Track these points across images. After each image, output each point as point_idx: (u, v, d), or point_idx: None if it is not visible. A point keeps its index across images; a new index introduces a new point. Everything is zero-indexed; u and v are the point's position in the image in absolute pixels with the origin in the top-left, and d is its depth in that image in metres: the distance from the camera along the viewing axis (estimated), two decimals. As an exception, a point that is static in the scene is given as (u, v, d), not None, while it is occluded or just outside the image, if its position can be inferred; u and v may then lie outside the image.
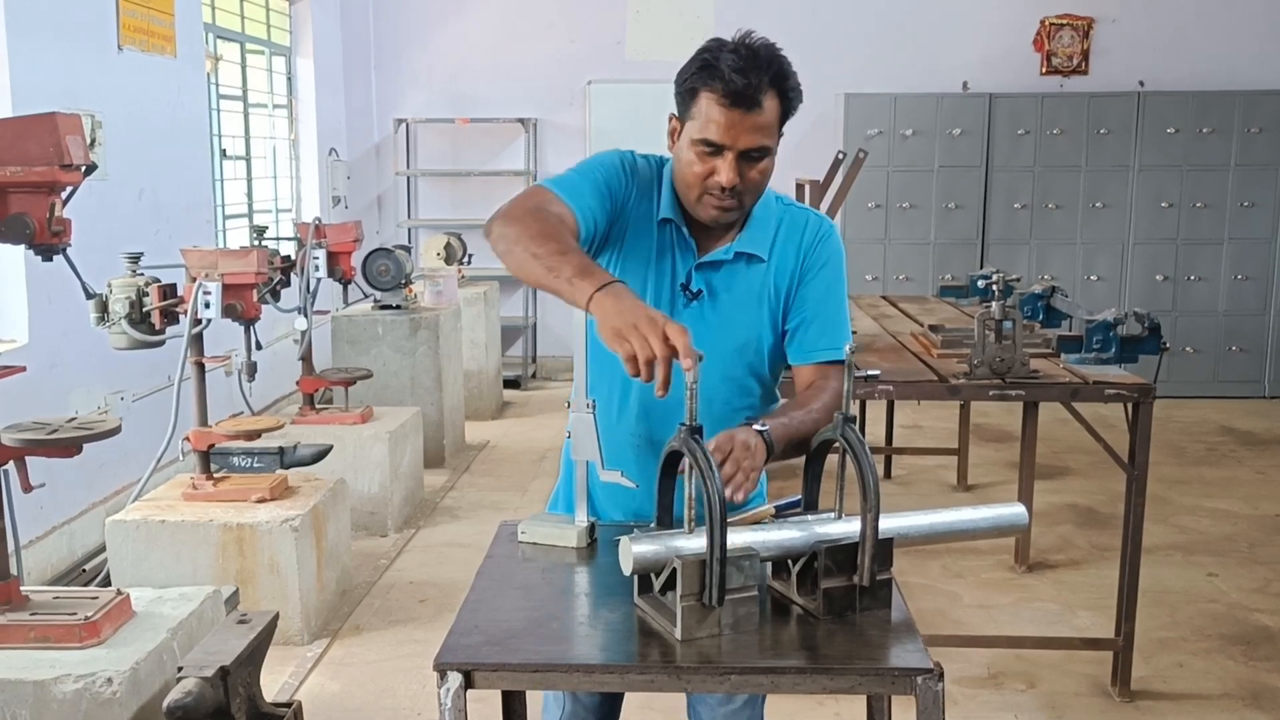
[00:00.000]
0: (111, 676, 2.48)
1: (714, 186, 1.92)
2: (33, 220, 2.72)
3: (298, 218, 7.35)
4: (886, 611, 1.69)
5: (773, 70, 1.88)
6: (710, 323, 2.00)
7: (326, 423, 5.03)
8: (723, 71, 1.85)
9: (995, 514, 1.89)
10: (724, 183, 1.90)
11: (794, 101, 1.92)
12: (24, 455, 2.69)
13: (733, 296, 2.02)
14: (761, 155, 1.91)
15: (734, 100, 1.85)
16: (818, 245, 2.06)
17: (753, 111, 1.86)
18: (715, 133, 1.87)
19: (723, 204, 1.93)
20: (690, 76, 1.91)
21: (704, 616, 1.59)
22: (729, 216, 1.97)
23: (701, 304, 2.02)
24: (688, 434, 1.63)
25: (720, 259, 2.02)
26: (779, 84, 1.89)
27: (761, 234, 2.04)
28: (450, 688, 1.52)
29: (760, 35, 1.93)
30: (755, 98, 1.85)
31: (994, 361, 3.33)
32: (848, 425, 1.73)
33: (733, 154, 1.89)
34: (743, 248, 2.02)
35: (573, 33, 8.11)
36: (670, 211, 2.01)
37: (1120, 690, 3.51)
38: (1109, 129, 7.72)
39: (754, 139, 1.88)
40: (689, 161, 1.93)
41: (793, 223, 2.07)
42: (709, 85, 1.87)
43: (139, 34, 5.12)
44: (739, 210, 1.97)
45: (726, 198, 1.92)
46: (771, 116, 1.89)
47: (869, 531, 1.66)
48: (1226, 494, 5.69)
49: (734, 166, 1.89)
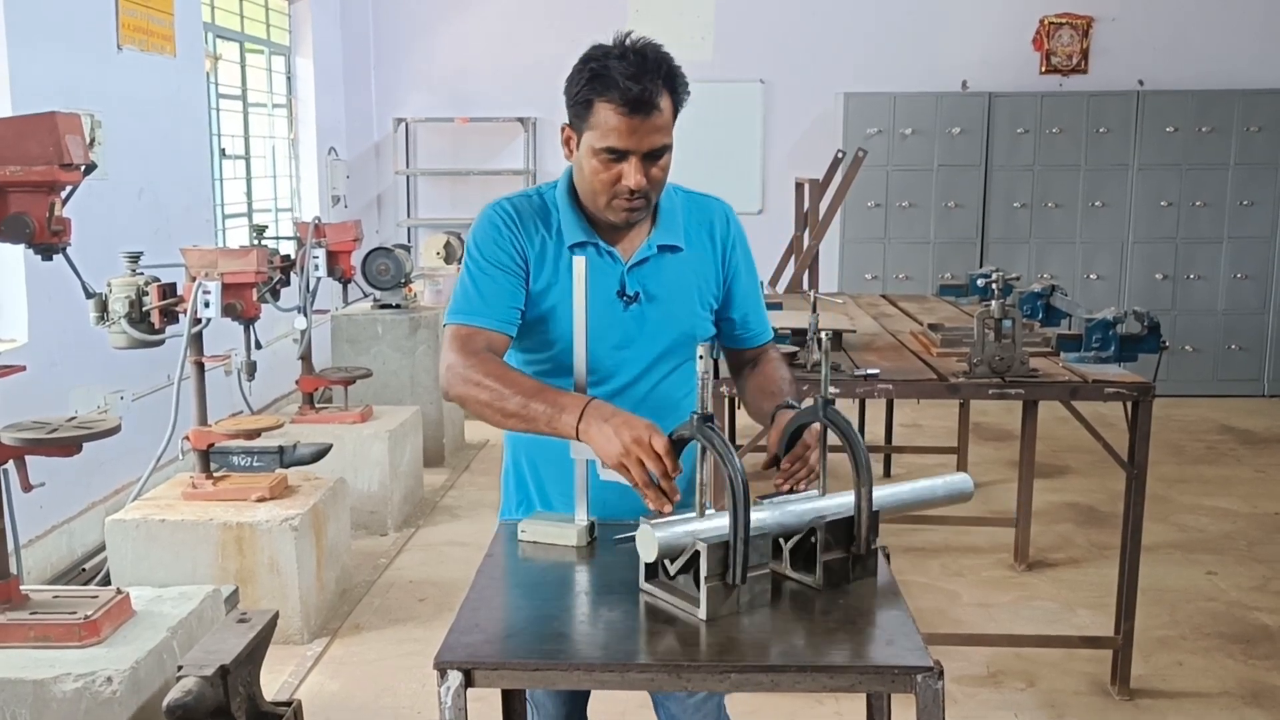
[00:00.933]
0: (111, 675, 2.48)
1: (622, 191, 1.97)
2: (32, 220, 2.72)
3: (297, 217, 7.35)
4: (874, 580, 1.80)
5: (663, 71, 1.92)
6: (652, 320, 2.08)
7: (326, 422, 5.04)
8: (616, 80, 1.89)
9: (946, 482, 2.05)
10: (633, 186, 1.95)
11: (684, 95, 1.99)
12: (24, 454, 2.69)
13: (666, 291, 2.08)
14: (663, 153, 1.97)
15: (632, 108, 1.89)
16: (732, 232, 2.18)
17: (651, 115, 1.90)
18: (617, 140, 1.92)
19: (632, 205, 1.99)
20: (583, 88, 1.93)
21: (726, 595, 1.66)
22: (639, 215, 2.03)
23: (640, 306, 2.07)
24: (700, 421, 1.71)
25: (645, 256, 2.08)
26: (669, 83, 1.94)
27: (673, 224, 2.11)
28: (450, 686, 1.52)
29: (640, 35, 1.96)
30: (652, 102, 1.90)
31: (993, 360, 3.33)
32: (830, 407, 1.81)
33: (637, 157, 1.94)
34: (662, 240, 2.09)
35: (572, 32, 8.08)
36: (579, 234, 2.06)
37: (1120, 689, 3.51)
38: (1108, 128, 7.72)
39: (655, 140, 1.93)
40: (594, 170, 1.97)
41: (698, 209, 2.17)
42: (604, 95, 1.90)
43: (138, 33, 5.12)
44: (648, 208, 2.03)
45: (636, 199, 1.98)
46: (668, 115, 1.95)
47: (864, 505, 1.78)
48: (1226, 492, 5.69)
49: (640, 169, 1.94)
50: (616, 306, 2.06)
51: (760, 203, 8.25)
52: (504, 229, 2.05)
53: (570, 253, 2.04)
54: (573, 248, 2.05)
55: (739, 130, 8.23)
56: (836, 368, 3.38)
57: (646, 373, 2.09)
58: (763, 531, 1.70)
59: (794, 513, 1.81)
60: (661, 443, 1.75)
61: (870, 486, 1.79)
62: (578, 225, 2.06)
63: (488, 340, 2.00)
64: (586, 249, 2.05)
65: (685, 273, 2.11)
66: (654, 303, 2.07)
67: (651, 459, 1.74)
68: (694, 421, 1.72)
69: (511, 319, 2.03)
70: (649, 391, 2.10)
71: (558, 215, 2.07)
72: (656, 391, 2.11)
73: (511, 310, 2.03)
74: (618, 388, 2.07)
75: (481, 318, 2.01)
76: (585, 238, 2.05)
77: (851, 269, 7.86)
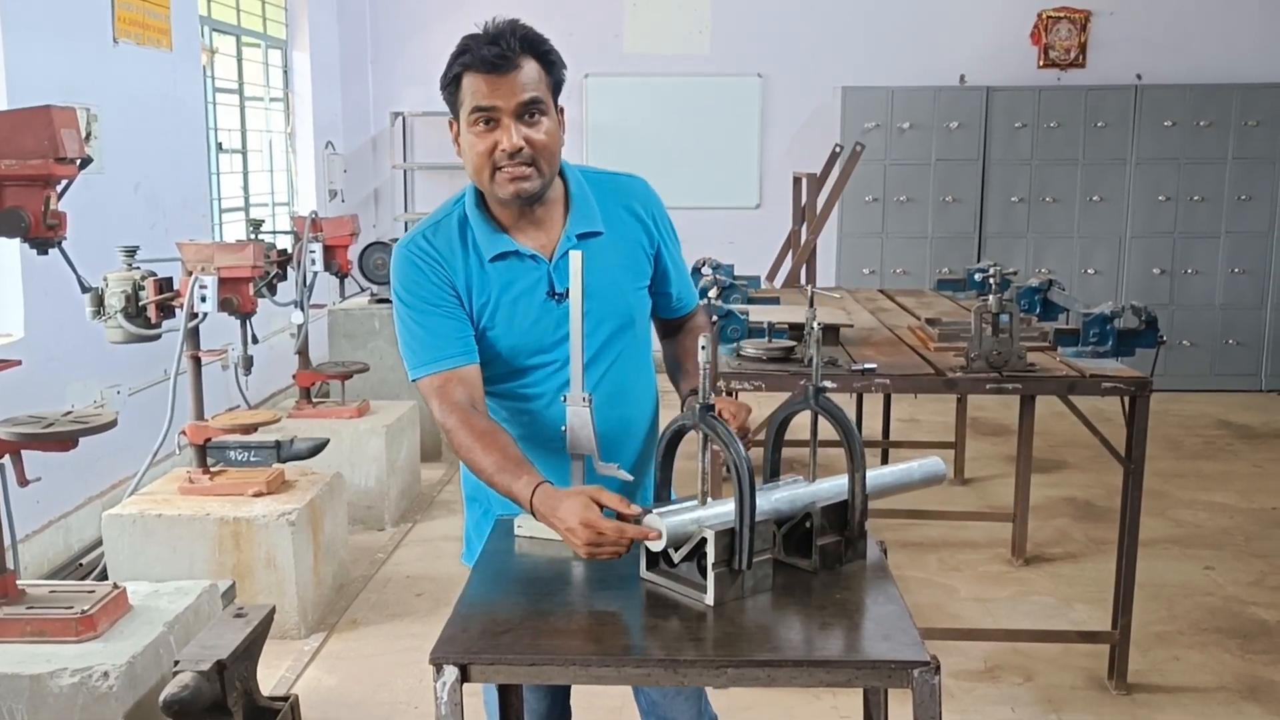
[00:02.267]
0: (108, 670, 2.48)
1: (501, 159, 1.94)
2: (28, 214, 2.72)
3: (294, 211, 7.34)
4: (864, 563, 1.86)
5: (519, 35, 1.94)
6: (588, 314, 2.02)
7: (323, 417, 5.03)
8: (473, 49, 1.93)
9: (920, 465, 2.10)
10: (507, 146, 1.93)
11: (558, 67, 1.99)
12: (20, 449, 2.69)
13: (596, 279, 2.01)
14: (537, 112, 1.94)
15: (489, 67, 1.91)
16: (652, 206, 2.17)
17: (511, 72, 1.91)
18: (482, 98, 1.92)
19: (517, 173, 1.95)
20: (449, 69, 1.97)
21: (732, 581, 1.69)
22: (531, 185, 1.98)
23: None
24: (702, 410, 1.73)
25: (566, 249, 2.04)
26: (533, 48, 1.95)
27: (586, 210, 2.09)
28: (446, 681, 1.52)
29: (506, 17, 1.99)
30: (509, 59, 1.91)
31: (991, 355, 3.33)
32: (821, 395, 1.86)
33: (507, 116, 1.92)
34: (578, 229, 2.07)
35: (570, 26, 8.08)
36: (496, 245, 2.04)
37: (1117, 683, 3.52)
38: (1106, 122, 7.72)
39: (521, 96, 1.92)
40: (472, 144, 1.96)
41: (612, 189, 2.14)
42: (467, 65, 1.93)
43: (134, 27, 5.10)
44: (539, 176, 1.98)
45: (519, 165, 1.94)
46: (535, 76, 1.94)
47: (858, 489, 1.83)
48: (1223, 487, 5.69)
49: (514, 128, 1.93)
50: (549, 307, 2.05)
51: (758, 197, 8.25)
52: (423, 268, 2.03)
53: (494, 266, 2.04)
54: (493, 260, 2.04)
55: (736, 124, 8.22)
56: (834, 362, 3.37)
57: (594, 362, 2.06)
58: (763, 518, 1.72)
59: (789, 499, 1.85)
60: (610, 499, 1.75)
61: (864, 471, 1.84)
62: (491, 235, 2.04)
63: (459, 379, 2.02)
64: (507, 259, 2.04)
65: (610, 256, 2.08)
66: (586, 295, 2.01)
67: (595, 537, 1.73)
68: (695, 410, 1.73)
69: (469, 347, 2.05)
70: (600, 379, 2.08)
71: (471, 231, 2.05)
72: (608, 378, 2.10)
73: (464, 339, 2.04)
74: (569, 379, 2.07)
75: (442, 360, 2.03)
76: (503, 248, 2.04)
77: (849, 264, 7.86)
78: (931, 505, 4.91)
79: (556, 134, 1.99)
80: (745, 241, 7.50)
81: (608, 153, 7.90)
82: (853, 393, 4.92)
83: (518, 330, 2.06)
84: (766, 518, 1.76)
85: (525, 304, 2.05)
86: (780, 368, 3.39)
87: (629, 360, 2.14)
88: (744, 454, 1.67)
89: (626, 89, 8.06)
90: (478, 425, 1.98)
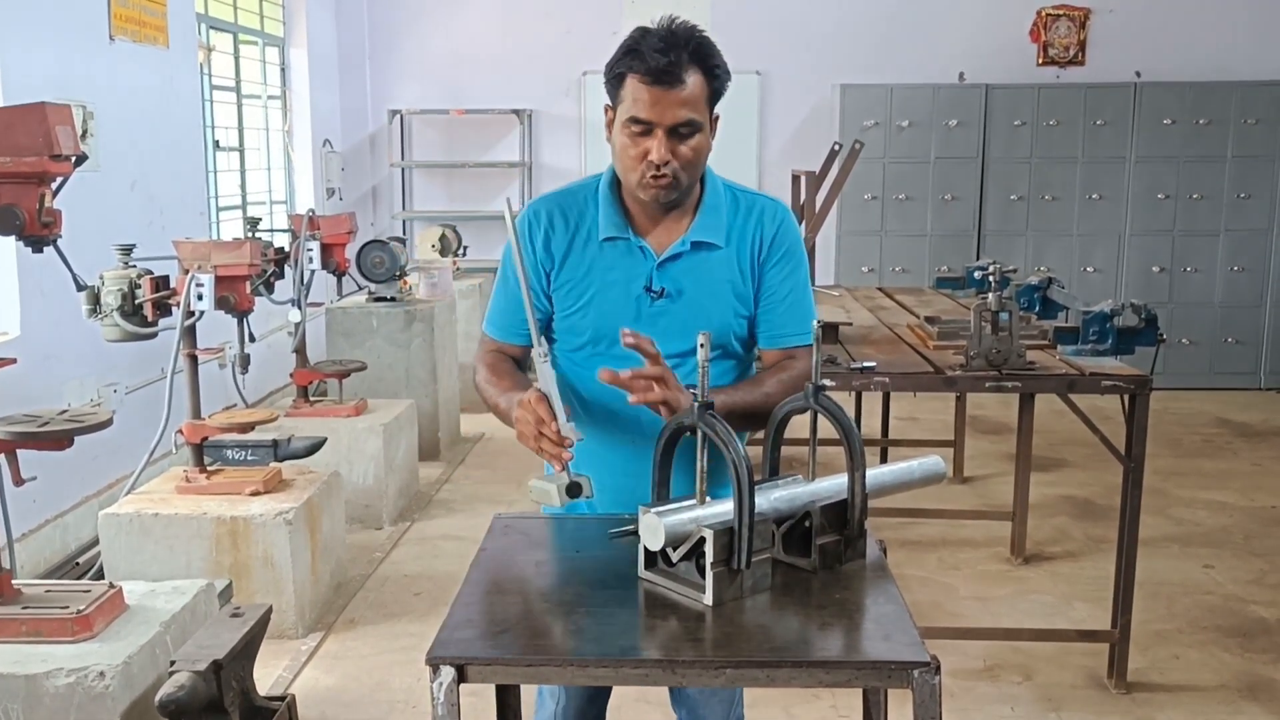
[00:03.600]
0: (104, 670, 2.47)
1: (649, 166, 1.97)
2: (22, 211, 2.70)
3: (291, 210, 7.33)
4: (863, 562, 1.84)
5: (691, 46, 1.94)
6: (679, 317, 2.06)
7: (321, 415, 5.01)
8: (644, 53, 1.92)
9: (920, 464, 2.08)
10: (655, 159, 1.96)
11: (721, 79, 2.00)
12: (15, 448, 2.68)
13: (699, 288, 2.07)
14: (690, 131, 1.96)
15: (656, 78, 1.91)
16: (778, 231, 2.13)
17: (675, 88, 1.92)
18: (641, 110, 1.94)
19: (659, 183, 1.98)
20: (616, 63, 1.98)
21: (731, 580, 1.68)
22: (669, 195, 2.01)
23: (668, 301, 2.07)
24: (701, 409, 1.72)
25: (678, 252, 2.07)
26: (701, 61, 1.95)
27: (714, 221, 2.09)
28: (443, 682, 1.51)
29: (683, 20, 1.99)
30: (676, 74, 1.92)
31: (990, 353, 3.32)
32: (821, 394, 1.84)
33: (661, 130, 1.94)
34: (698, 237, 2.08)
35: (568, 23, 8.08)
36: (613, 229, 2.07)
37: (1116, 682, 3.51)
38: (1105, 120, 7.71)
39: (679, 114, 1.94)
40: (624, 145, 2.00)
41: (747, 208, 2.13)
42: (633, 68, 1.94)
43: (131, 24, 5.09)
44: (677, 188, 2.01)
45: (662, 175, 1.97)
46: (696, 92, 1.95)
47: (858, 488, 1.82)
48: (1222, 486, 5.69)
49: (664, 143, 1.95)
50: (643, 302, 2.07)
51: (756, 195, 8.24)
52: (531, 232, 2.10)
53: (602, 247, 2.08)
54: (604, 242, 2.07)
55: (735, 122, 8.09)
56: (833, 360, 3.37)
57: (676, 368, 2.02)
58: (762, 517, 1.71)
59: (788, 498, 1.84)
60: (533, 396, 1.88)
61: (864, 470, 1.83)
62: (612, 219, 2.07)
63: (503, 349, 2.20)
64: (617, 244, 2.07)
65: (721, 271, 2.09)
66: (681, 300, 2.06)
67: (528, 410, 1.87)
68: (694, 409, 1.73)
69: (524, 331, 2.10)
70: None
71: (595, 210, 2.09)
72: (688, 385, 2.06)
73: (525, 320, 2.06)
74: None
75: (501, 332, 2.19)
76: (617, 232, 2.07)
77: (848, 262, 7.85)
78: (930, 504, 4.90)
79: (705, 148, 2.01)
80: (744, 239, 7.47)
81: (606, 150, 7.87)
82: (852, 391, 4.91)
83: (608, 315, 2.07)
84: (765, 517, 1.75)
85: (621, 293, 2.07)
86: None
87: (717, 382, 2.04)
88: (743, 453, 1.66)
89: (625, 87, 8.03)
90: (501, 367, 2.16)
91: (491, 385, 2.11)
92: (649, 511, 1.71)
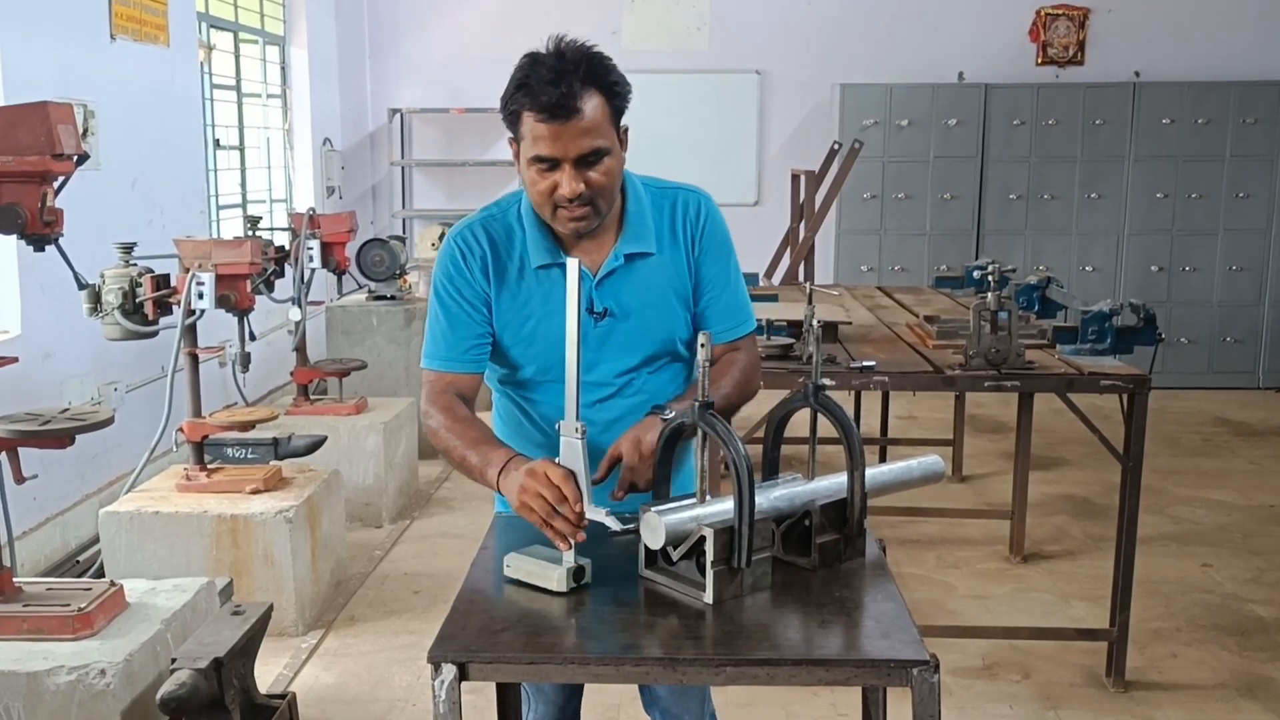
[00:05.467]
0: (105, 668, 2.47)
1: (561, 200, 1.91)
2: (24, 210, 2.71)
3: (292, 208, 7.32)
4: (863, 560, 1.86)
5: (584, 70, 1.85)
6: (625, 334, 2.03)
7: (321, 414, 5.02)
8: (535, 87, 1.84)
9: (920, 463, 2.10)
10: (566, 194, 1.89)
11: (622, 95, 1.92)
12: (16, 446, 2.69)
13: (639, 301, 2.01)
14: (598, 157, 1.89)
15: (552, 113, 1.83)
16: (705, 223, 2.08)
17: (573, 119, 1.84)
18: (543, 147, 1.87)
19: (575, 214, 1.92)
20: (510, 99, 1.89)
21: (731, 579, 1.68)
22: (590, 224, 1.96)
23: (613, 320, 2.03)
24: (701, 409, 1.72)
25: (612, 268, 2.02)
26: (597, 81, 1.87)
27: (641, 228, 2.04)
28: (445, 680, 1.52)
29: (572, 39, 1.91)
30: (572, 105, 1.83)
31: (989, 352, 3.32)
32: (821, 393, 1.86)
33: (568, 164, 1.88)
34: (629, 249, 2.03)
35: (568, 21, 8.02)
36: (545, 255, 2.01)
37: (1115, 680, 3.52)
38: (1104, 119, 7.71)
39: (582, 144, 1.86)
40: (532, 181, 1.93)
41: (671, 204, 2.08)
42: (526, 105, 1.86)
43: (132, 23, 5.09)
44: (597, 215, 1.95)
45: (577, 207, 1.91)
46: (597, 116, 1.87)
47: (858, 487, 1.83)
48: (1221, 485, 5.70)
49: (573, 176, 1.88)
50: (587, 324, 2.01)
51: (756, 194, 8.24)
52: (465, 260, 2.03)
53: (537, 275, 2.01)
54: (537, 270, 2.01)
55: (735, 121, 8.21)
56: (832, 359, 3.37)
57: (627, 384, 2.05)
58: (762, 516, 1.72)
59: (788, 497, 1.85)
60: (557, 473, 1.73)
61: (863, 469, 1.84)
62: (541, 244, 2.01)
63: (453, 383, 2.04)
64: (551, 271, 2.00)
65: (658, 278, 2.05)
66: (625, 316, 2.02)
67: (545, 486, 1.72)
68: (694, 409, 1.72)
69: (478, 356, 2.05)
70: (629, 404, 2.06)
71: (522, 234, 2.03)
72: (637, 399, 2.06)
73: (476, 349, 2.04)
74: (605, 395, 2.06)
75: (446, 362, 2.05)
76: (549, 258, 2.00)
77: (847, 261, 7.85)
78: (929, 502, 4.91)
79: (617, 169, 1.95)
80: (743, 238, 7.35)
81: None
82: (851, 390, 4.92)
83: (549, 343, 1.99)
84: (766, 516, 1.75)
85: (561, 318, 1.99)
86: (779, 365, 3.38)
87: (667, 389, 2.06)
88: (744, 452, 1.67)
89: (625, 86, 8.03)
90: (458, 411, 2.01)
91: (454, 436, 1.97)
92: (650, 510, 1.71)
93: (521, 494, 1.76)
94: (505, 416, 2.18)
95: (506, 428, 2.16)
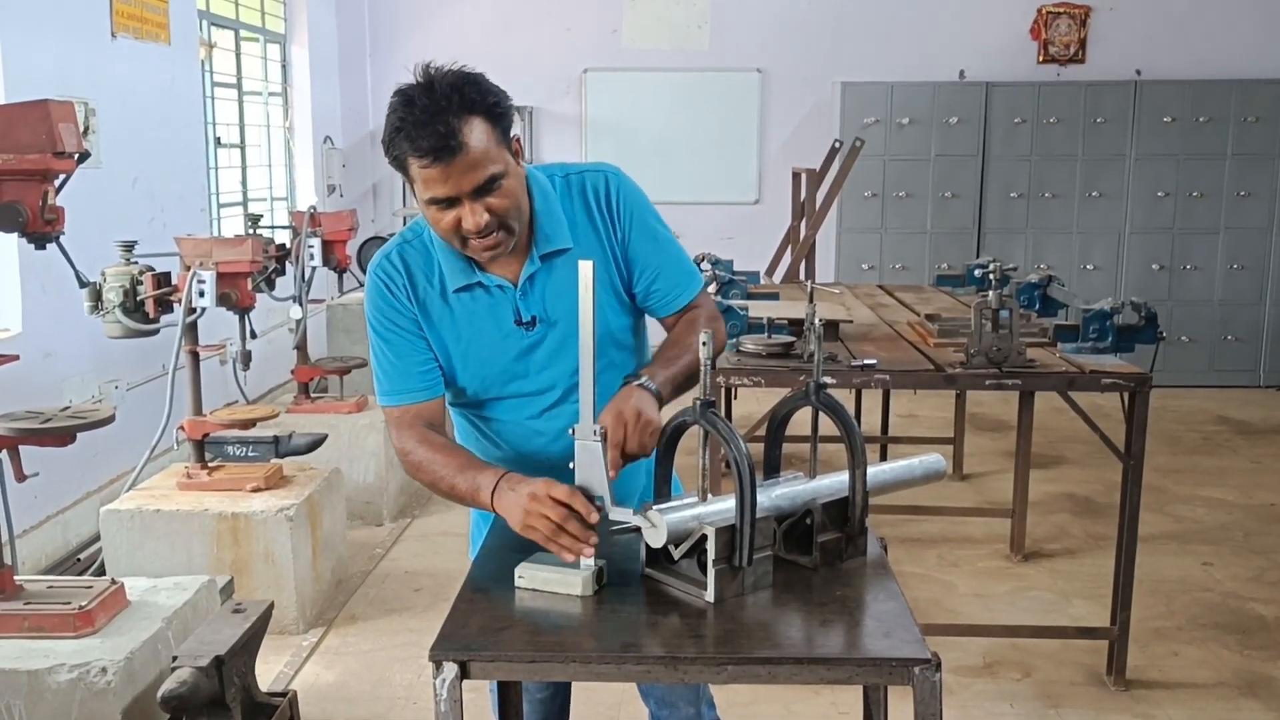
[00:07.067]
0: (106, 666, 2.48)
1: (469, 233, 1.85)
2: (25, 208, 2.71)
3: (293, 206, 7.32)
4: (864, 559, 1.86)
5: (456, 101, 1.78)
6: (560, 336, 1.98)
7: (321, 412, 5.02)
8: (411, 131, 1.78)
9: (921, 462, 2.10)
10: (472, 229, 1.83)
11: (504, 113, 1.85)
12: (17, 444, 2.69)
13: (567, 300, 1.89)
14: (494, 184, 1.82)
15: (435, 155, 1.77)
16: (618, 198, 2.01)
17: (458, 156, 1.77)
18: (436, 189, 1.81)
19: (487, 244, 1.87)
20: (390, 145, 1.82)
21: (733, 578, 1.68)
22: (507, 247, 1.90)
23: (544, 327, 1.99)
24: (702, 407, 1.72)
25: (531, 272, 1.97)
26: (473, 108, 1.80)
27: (553, 225, 1.97)
28: (446, 678, 1.52)
29: (439, 65, 1.84)
30: (453, 144, 1.76)
31: (990, 351, 3.32)
32: (822, 391, 1.85)
33: (466, 199, 1.82)
34: (544, 249, 1.97)
35: (569, 21, 8.08)
36: (461, 277, 1.96)
37: (1115, 679, 3.52)
38: (1106, 118, 7.71)
39: (475, 177, 1.80)
40: (435, 219, 1.87)
41: (580, 189, 2.01)
42: (408, 150, 1.79)
43: (133, 21, 5.09)
44: (511, 236, 1.89)
45: (487, 236, 1.86)
46: (484, 143, 1.80)
47: (859, 485, 1.83)
48: (1222, 483, 5.69)
49: (473, 209, 1.83)
50: (517, 338, 1.98)
51: (757, 193, 8.24)
52: (392, 290, 1.98)
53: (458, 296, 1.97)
54: (455, 293, 1.97)
55: (735, 120, 8.20)
56: (833, 358, 3.37)
57: (572, 388, 1.95)
58: (764, 514, 1.72)
59: (789, 496, 1.85)
60: (561, 490, 1.71)
61: (865, 468, 1.84)
62: (456, 266, 1.95)
63: (419, 414, 1.99)
64: (472, 290, 1.97)
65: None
66: (555, 321, 1.97)
67: (550, 507, 1.71)
68: (695, 407, 1.72)
69: (432, 381, 2.01)
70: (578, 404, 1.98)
71: (437, 257, 1.97)
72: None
73: (429, 374, 2.00)
74: (552, 403, 2.03)
75: (404, 395, 2.00)
76: (465, 279, 1.95)
77: (848, 259, 7.85)
78: (931, 501, 4.91)
79: (518, 189, 1.88)
80: (744, 237, 7.49)
81: (606, 148, 7.88)
82: (852, 388, 4.92)
83: (485, 362, 1.99)
84: (767, 514, 1.75)
85: (492, 335, 1.98)
86: (780, 363, 3.38)
87: (615, 384, 1.95)
88: (745, 450, 1.66)
89: (625, 84, 8.03)
90: (435, 440, 1.96)
91: (438, 466, 1.92)
92: (651, 509, 1.71)
93: (526, 517, 1.74)
94: (464, 435, 2.16)
95: (467, 445, 2.12)
